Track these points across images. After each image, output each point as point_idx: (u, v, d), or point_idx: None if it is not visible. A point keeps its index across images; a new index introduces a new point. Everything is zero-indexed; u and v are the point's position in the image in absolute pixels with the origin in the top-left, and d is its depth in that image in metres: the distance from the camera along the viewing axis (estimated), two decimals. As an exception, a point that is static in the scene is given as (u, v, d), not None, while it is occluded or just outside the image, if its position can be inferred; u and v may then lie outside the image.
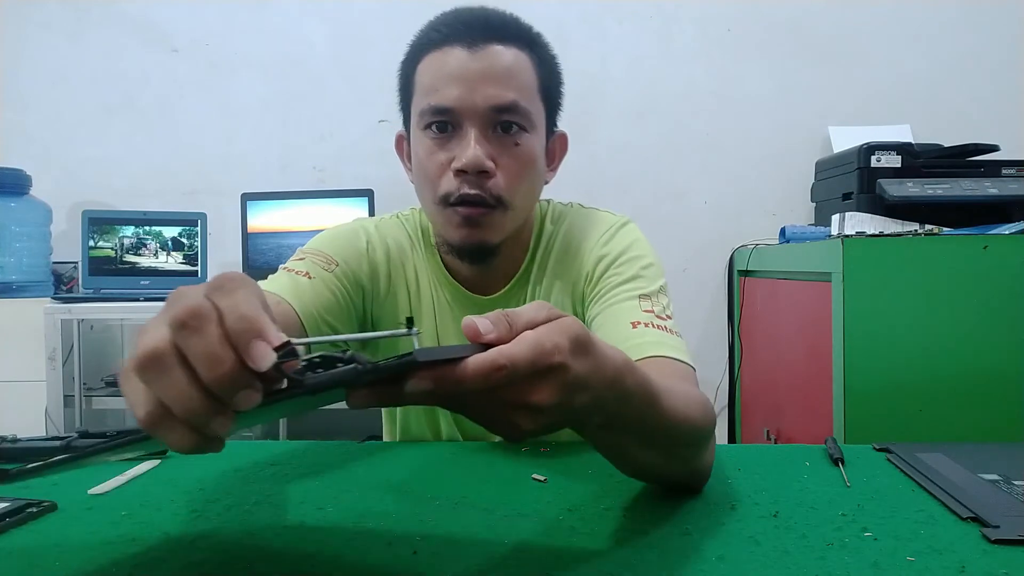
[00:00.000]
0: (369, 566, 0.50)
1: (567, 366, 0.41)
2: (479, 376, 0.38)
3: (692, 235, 2.29)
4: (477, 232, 0.81)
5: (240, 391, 0.35)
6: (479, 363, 0.38)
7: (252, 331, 0.35)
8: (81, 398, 2.00)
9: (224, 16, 2.36)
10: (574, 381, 0.41)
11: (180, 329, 0.35)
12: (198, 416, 0.35)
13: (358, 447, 0.83)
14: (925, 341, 1.27)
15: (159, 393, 0.35)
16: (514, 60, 0.80)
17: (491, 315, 0.41)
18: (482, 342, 0.40)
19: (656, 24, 2.30)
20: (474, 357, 0.39)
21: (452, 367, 0.38)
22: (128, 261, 2.19)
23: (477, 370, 0.38)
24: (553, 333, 0.41)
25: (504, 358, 0.39)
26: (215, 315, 0.35)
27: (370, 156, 2.32)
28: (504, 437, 0.43)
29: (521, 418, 0.41)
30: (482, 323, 0.40)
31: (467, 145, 0.78)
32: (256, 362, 0.34)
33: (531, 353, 0.39)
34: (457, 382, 0.38)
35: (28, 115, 2.37)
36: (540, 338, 0.40)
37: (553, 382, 0.41)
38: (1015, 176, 1.66)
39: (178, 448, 0.36)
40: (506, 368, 0.38)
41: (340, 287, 0.85)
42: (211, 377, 0.34)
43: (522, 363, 0.39)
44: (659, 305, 0.81)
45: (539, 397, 0.40)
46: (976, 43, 2.24)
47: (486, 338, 0.40)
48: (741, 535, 0.55)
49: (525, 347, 0.39)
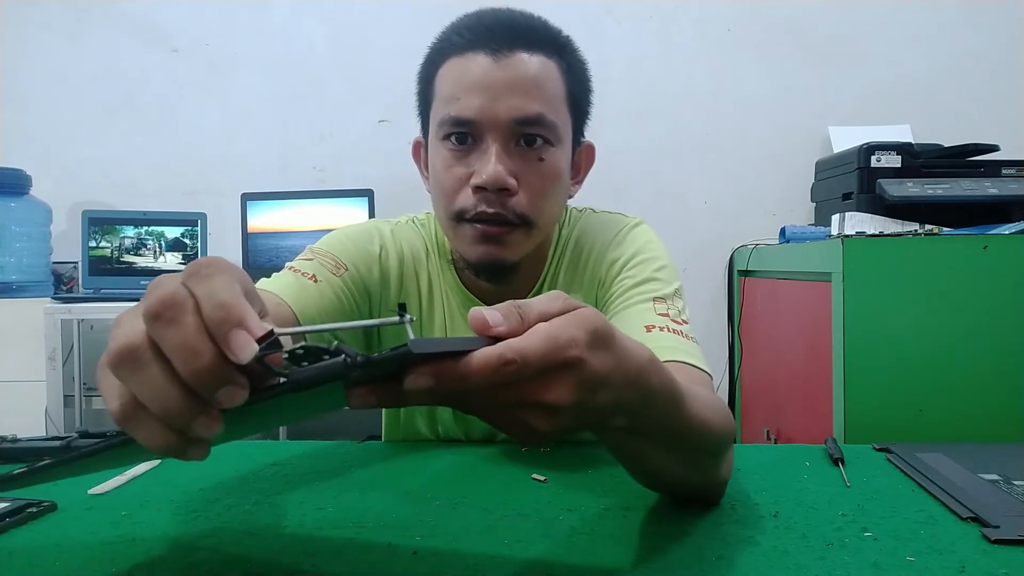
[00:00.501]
0: (369, 566, 0.50)
1: (584, 361, 0.37)
2: (485, 372, 0.35)
3: (692, 235, 2.29)
4: (496, 250, 0.76)
5: (222, 387, 0.32)
6: (485, 357, 0.35)
7: (231, 320, 0.33)
8: (81, 398, 2.00)
9: (224, 16, 2.36)
10: (593, 378, 0.38)
11: (154, 320, 0.33)
12: (177, 414, 0.33)
13: (358, 447, 0.83)
14: (925, 341, 1.27)
15: (135, 390, 0.33)
16: (541, 69, 0.75)
17: (501, 306, 0.38)
18: (491, 335, 0.37)
19: (656, 24, 2.30)
20: (480, 351, 0.35)
21: (455, 362, 0.35)
22: (128, 261, 2.19)
23: (483, 365, 0.35)
24: (569, 325, 0.37)
25: (513, 352, 0.35)
26: (191, 304, 0.33)
27: (370, 156, 2.32)
28: (517, 439, 0.40)
29: (535, 418, 0.38)
30: (491, 314, 0.37)
31: (488, 160, 0.73)
32: (236, 353, 0.32)
33: (543, 347, 0.36)
34: (461, 378, 0.35)
35: (28, 115, 2.37)
36: (554, 331, 0.37)
37: (569, 379, 0.37)
38: (1015, 176, 1.66)
39: (154, 447, 0.34)
40: (516, 363, 0.35)
41: (346, 292, 0.81)
42: (188, 371, 0.32)
43: (533, 357, 0.35)
44: (674, 309, 0.78)
45: (554, 396, 0.37)
46: (976, 43, 2.24)
47: (495, 331, 0.36)
48: (741, 535, 0.55)
49: (537, 340, 0.36)
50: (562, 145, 0.78)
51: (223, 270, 0.35)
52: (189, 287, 0.34)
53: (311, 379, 0.33)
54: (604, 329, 0.39)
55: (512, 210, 0.75)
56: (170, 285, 0.34)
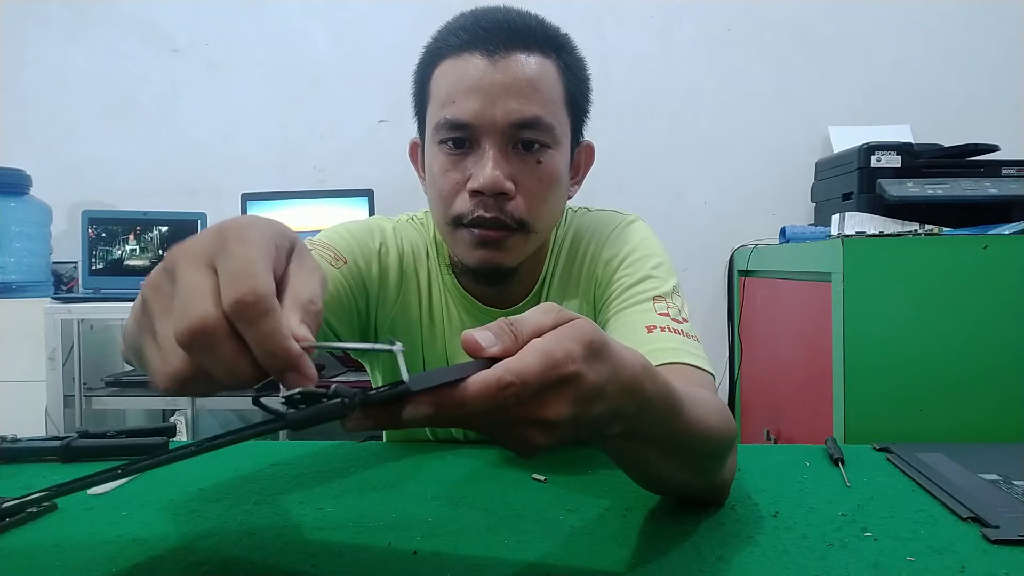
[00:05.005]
0: (369, 566, 0.50)
1: (581, 375, 0.37)
2: (485, 397, 0.34)
3: (692, 235, 2.29)
4: (494, 255, 0.75)
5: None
6: (484, 382, 0.35)
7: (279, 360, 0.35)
8: (81, 398, 2.00)
9: (224, 16, 2.36)
10: (590, 391, 0.37)
11: (190, 349, 0.35)
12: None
13: (358, 447, 0.83)
14: (925, 341, 1.27)
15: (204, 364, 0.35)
16: (538, 70, 0.73)
17: (493, 326, 0.37)
18: (485, 357, 0.36)
19: (656, 24, 2.30)
20: (476, 377, 0.35)
21: (452, 389, 0.35)
22: (128, 261, 2.19)
23: (482, 390, 0.34)
24: (564, 339, 0.37)
25: (511, 374, 0.35)
26: (225, 329, 0.34)
27: (370, 156, 2.32)
28: (517, 454, 0.40)
29: (534, 434, 0.37)
30: (483, 336, 0.36)
31: (484, 165, 0.72)
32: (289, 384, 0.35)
33: (541, 365, 0.35)
34: (460, 405, 0.35)
35: (28, 115, 2.37)
36: (550, 347, 0.36)
37: (567, 394, 0.37)
38: (1015, 176, 1.66)
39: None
40: (515, 385, 0.35)
41: (344, 286, 0.80)
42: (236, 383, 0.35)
43: (532, 377, 0.35)
44: (674, 307, 0.77)
45: (552, 411, 0.36)
46: (976, 43, 2.24)
47: (489, 352, 0.36)
48: (741, 535, 0.55)
49: (534, 359, 0.35)
50: (560, 147, 0.77)
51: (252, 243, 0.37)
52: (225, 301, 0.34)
53: (308, 420, 0.34)
54: (599, 340, 0.38)
55: (510, 214, 0.74)
56: (200, 305, 0.34)
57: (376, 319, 0.86)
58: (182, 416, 2.04)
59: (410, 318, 0.87)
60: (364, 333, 0.87)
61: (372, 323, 0.86)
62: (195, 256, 0.36)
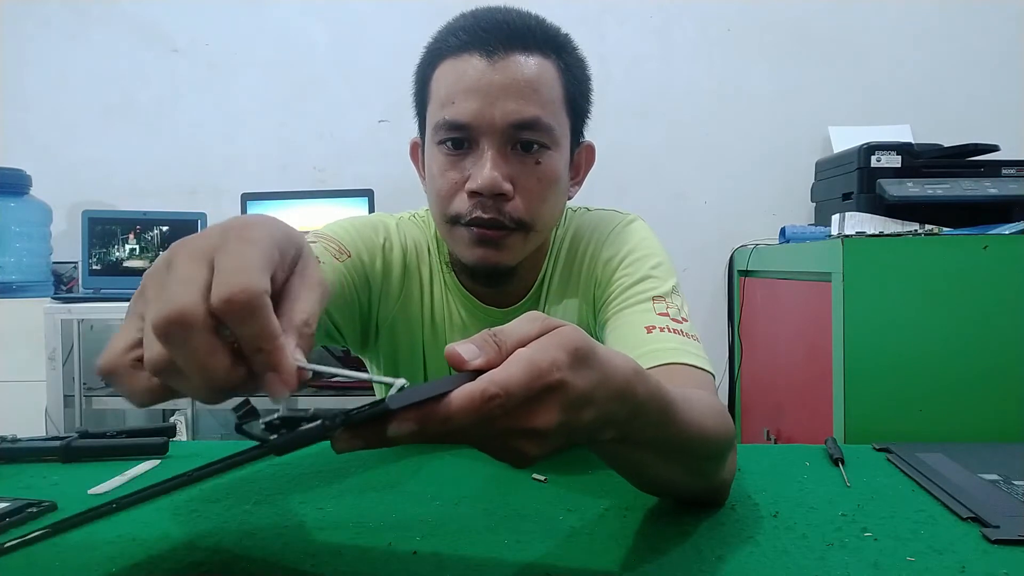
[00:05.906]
0: (369, 566, 0.50)
1: (567, 383, 0.36)
2: (469, 410, 0.34)
3: (692, 235, 2.29)
4: (492, 253, 0.75)
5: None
6: (468, 395, 0.34)
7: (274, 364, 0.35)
8: (81, 398, 2.00)
9: (224, 16, 2.35)
10: (578, 398, 0.37)
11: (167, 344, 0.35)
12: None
13: (358, 447, 0.83)
14: (925, 341, 1.27)
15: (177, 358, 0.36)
16: (537, 70, 0.73)
17: (476, 338, 0.37)
18: (469, 369, 0.36)
19: (656, 24, 2.30)
20: (460, 390, 0.34)
21: (436, 404, 0.34)
22: (128, 261, 2.19)
23: (466, 404, 0.34)
24: (549, 348, 0.36)
25: (496, 386, 0.34)
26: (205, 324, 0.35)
27: (370, 156, 2.31)
28: (510, 464, 0.39)
29: (524, 444, 0.37)
30: (465, 349, 0.36)
31: (483, 165, 0.72)
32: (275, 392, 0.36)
33: (526, 376, 0.35)
34: (445, 420, 0.34)
35: (28, 115, 2.36)
36: (534, 356, 0.36)
37: (554, 402, 0.36)
38: (1015, 176, 1.66)
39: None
40: (499, 396, 0.34)
41: (347, 279, 0.79)
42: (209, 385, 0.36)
43: (516, 388, 0.35)
44: (674, 307, 0.77)
45: (540, 421, 0.36)
46: (976, 43, 2.24)
47: (473, 365, 0.36)
48: (741, 535, 0.55)
49: (518, 369, 0.35)
50: (560, 147, 0.77)
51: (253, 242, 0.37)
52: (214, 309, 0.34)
53: (290, 444, 0.35)
54: (585, 347, 0.38)
55: (508, 215, 0.74)
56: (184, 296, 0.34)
57: (378, 315, 0.86)
58: (182, 416, 2.04)
59: (412, 315, 0.87)
60: (365, 328, 0.87)
61: (374, 319, 0.86)
62: (195, 249, 0.36)
